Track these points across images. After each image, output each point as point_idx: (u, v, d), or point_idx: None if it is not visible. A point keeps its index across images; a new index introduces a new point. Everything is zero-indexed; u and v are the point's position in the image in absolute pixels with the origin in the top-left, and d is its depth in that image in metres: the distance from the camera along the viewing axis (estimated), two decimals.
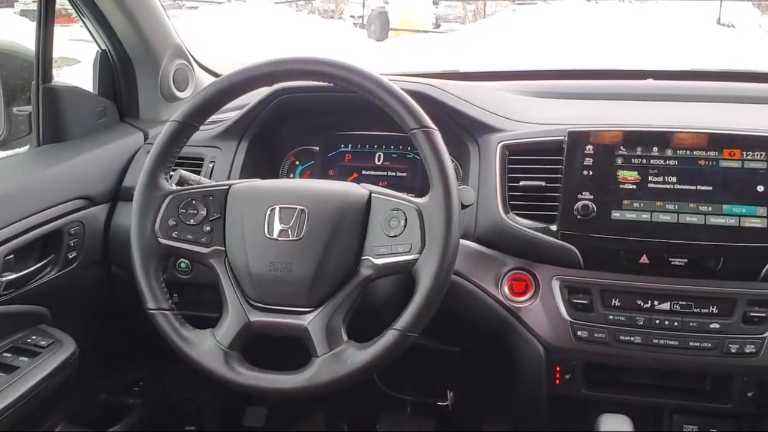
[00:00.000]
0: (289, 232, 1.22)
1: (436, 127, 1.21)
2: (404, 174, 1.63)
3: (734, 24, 13.38)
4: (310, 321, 1.20)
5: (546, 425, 1.44)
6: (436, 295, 1.16)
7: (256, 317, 1.23)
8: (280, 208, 1.24)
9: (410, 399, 1.91)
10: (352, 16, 16.37)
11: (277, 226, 1.23)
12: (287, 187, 1.29)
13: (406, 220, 1.20)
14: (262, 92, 1.58)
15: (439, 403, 1.77)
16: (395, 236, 1.20)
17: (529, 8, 15.00)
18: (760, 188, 1.28)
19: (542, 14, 13.29)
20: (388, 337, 1.17)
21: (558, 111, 1.58)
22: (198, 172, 1.55)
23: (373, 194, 1.24)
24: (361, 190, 1.25)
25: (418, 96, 1.41)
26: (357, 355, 1.17)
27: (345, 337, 1.20)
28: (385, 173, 1.64)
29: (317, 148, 1.68)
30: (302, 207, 1.23)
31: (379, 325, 1.20)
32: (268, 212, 1.24)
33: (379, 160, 1.65)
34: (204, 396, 1.95)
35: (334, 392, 1.20)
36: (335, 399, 2.02)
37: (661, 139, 1.33)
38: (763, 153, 1.29)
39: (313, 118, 1.65)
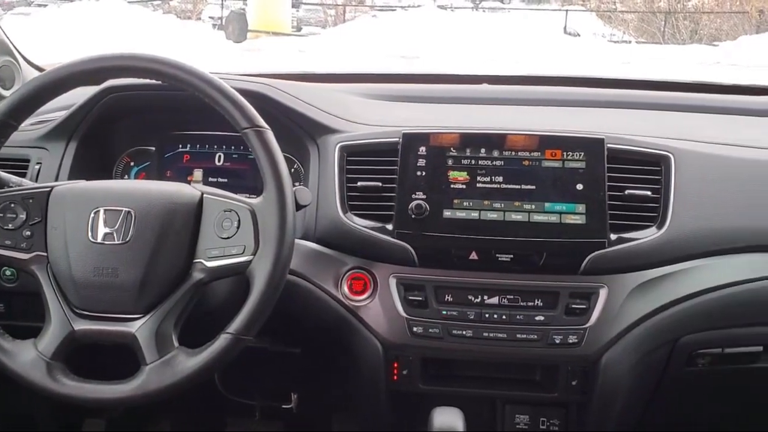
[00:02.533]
0: (115, 235, 1.18)
1: (268, 127, 1.20)
2: (245, 175, 1.61)
3: (579, 32, 14.19)
4: (139, 328, 1.16)
5: (386, 421, 1.47)
6: (270, 296, 1.15)
7: (81, 326, 1.18)
8: (105, 210, 1.19)
9: (257, 404, 1.89)
10: (211, 17, 16.06)
11: (102, 230, 1.18)
12: (113, 189, 1.24)
13: (239, 221, 1.18)
14: (91, 90, 1.51)
15: (283, 406, 1.76)
16: (228, 238, 1.18)
17: (388, 14, 15.27)
18: (579, 186, 1.35)
19: (400, 20, 13.55)
20: (221, 341, 1.15)
21: (395, 113, 1.62)
22: (24, 175, 1.47)
23: (204, 195, 1.22)
24: (192, 190, 1.23)
25: (253, 95, 1.41)
26: (188, 362, 1.15)
27: (176, 344, 1.17)
28: (226, 174, 1.61)
29: (153, 148, 1.62)
30: (128, 209, 1.19)
31: (216, 329, 1.17)
32: (92, 215, 1.19)
33: (219, 161, 1.62)
34: (40, 411, 1.85)
35: (165, 400, 1.17)
36: (180, 407, 1.97)
37: (488, 140, 1.38)
38: (582, 153, 1.36)
39: (148, 117, 1.60)
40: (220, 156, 1.62)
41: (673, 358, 1.41)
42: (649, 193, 1.36)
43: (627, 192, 1.36)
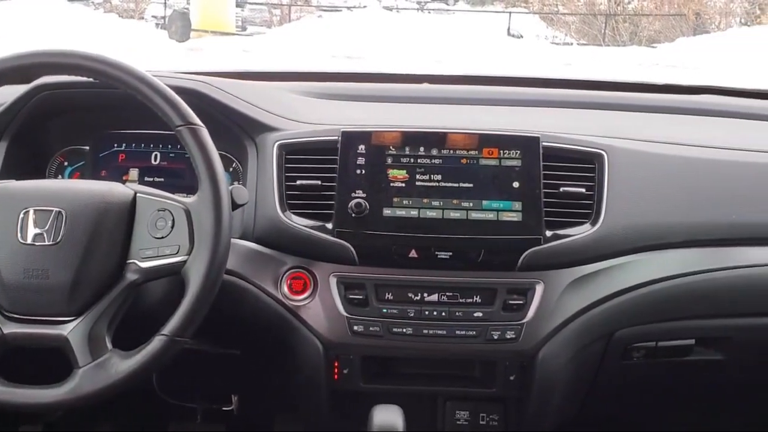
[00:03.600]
0: (45, 236, 1.15)
1: (202, 124, 1.19)
2: (183, 174, 1.59)
3: (522, 34, 14.39)
4: (71, 330, 1.14)
5: (328, 421, 1.46)
6: (205, 297, 1.14)
7: (11, 329, 1.15)
8: (35, 210, 1.16)
9: (198, 406, 1.86)
10: (154, 17, 15.80)
11: (32, 230, 1.15)
12: (43, 188, 1.21)
13: (173, 220, 1.17)
14: (22, 88, 1.47)
15: (224, 408, 1.74)
16: (162, 237, 1.17)
17: (333, 15, 15.25)
18: (516, 184, 1.36)
19: (346, 21, 13.55)
20: (155, 343, 1.13)
21: (335, 112, 1.61)
22: None
23: (138, 194, 1.20)
24: (125, 189, 1.21)
25: (188, 93, 1.39)
26: (121, 364, 1.13)
27: (110, 346, 1.15)
28: (163, 173, 1.59)
29: (87, 147, 1.59)
30: (59, 209, 1.16)
31: (153, 331, 1.16)
32: (22, 215, 1.16)
33: (155, 160, 1.60)
34: None
35: (99, 404, 1.15)
36: (121, 410, 1.93)
37: (427, 139, 1.39)
38: (518, 152, 1.38)
39: (82, 115, 1.56)
40: (156, 155, 1.60)
41: (609, 351, 1.44)
42: (583, 190, 1.39)
43: (562, 189, 1.38)
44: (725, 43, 10.77)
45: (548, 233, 1.36)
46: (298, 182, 1.40)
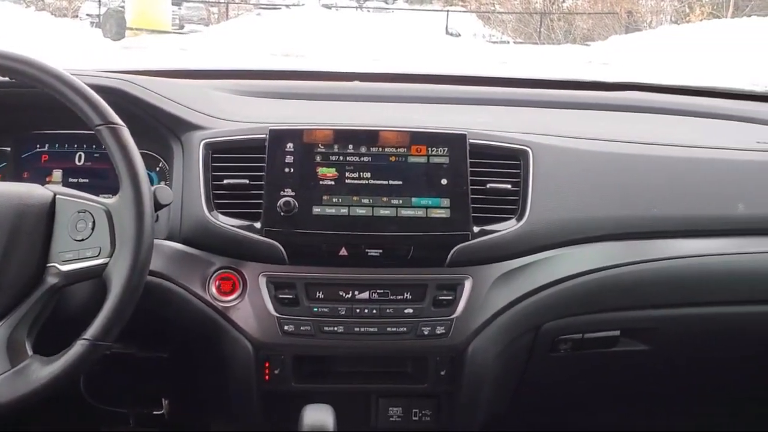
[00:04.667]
0: None
1: (122, 123, 1.17)
2: (108, 175, 1.55)
3: (460, 33, 14.52)
4: None
5: (260, 422, 1.45)
6: (128, 300, 1.12)
7: None
8: None
9: (129, 411, 1.83)
10: (88, 15, 15.43)
11: None
12: None
13: (94, 222, 1.14)
14: None
15: (155, 413, 1.71)
16: (83, 240, 1.14)
17: (272, 12, 15.13)
18: (444, 181, 1.38)
19: (285, 19, 13.45)
20: (77, 348, 1.11)
21: (264, 110, 1.60)
22: None
23: (57, 196, 1.17)
24: (44, 191, 1.18)
25: (109, 91, 1.36)
26: (42, 370, 1.10)
27: (30, 352, 1.12)
28: (87, 174, 1.55)
29: (8, 148, 1.54)
30: None
31: (76, 335, 1.13)
32: None
33: (79, 161, 1.56)
34: None
35: (20, 412, 1.11)
36: (50, 416, 1.88)
37: (356, 137, 1.39)
38: (446, 149, 1.39)
39: (3, 116, 1.52)
40: (81, 155, 1.56)
41: (537, 344, 1.47)
42: (509, 186, 1.41)
43: (489, 186, 1.40)
44: (656, 41, 11.06)
45: (476, 229, 1.37)
46: (225, 181, 1.38)
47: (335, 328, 1.36)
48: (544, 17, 14.91)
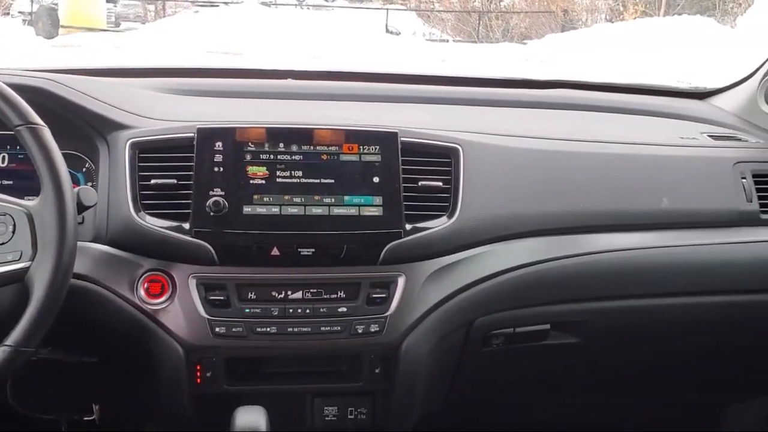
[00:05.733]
0: None
1: (43, 123, 1.14)
2: (33, 176, 1.50)
3: (400, 31, 14.57)
4: None
5: (193, 425, 1.43)
6: (51, 305, 1.09)
7: None
8: None
9: (59, 418, 1.78)
10: (21, 12, 14.99)
11: None
12: None
13: (14, 224, 1.11)
14: None
15: (86, 418, 1.67)
16: (3, 243, 1.11)
17: (210, 10, 14.93)
18: (376, 179, 1.37)
19: (223, 16, 13.30)
20: None
21: (194, 108, 1.57)
22: None
23: None
24: None
25: (33, 91, 1.33)
26: None
27: None
28: (11, 176, 1.50)
29: None
30: None
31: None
32: None
33: (3, 162, 1.51)
34: None
35: None
36: None
37: (287, 135, 1.38)
38: (378, 147, 1.39)
39: None
40: (4, 156, 1.51)
41: (469, 340, 1.48)
42: (440, 183, 1.42)
43: (420, 183, 1.41)
44: (591, 39, 11.29)
45: (408, 227, 1.38)
46: (153, 181, 1.36)
47: (268, 329, 1.35)
48: (483, 16, 15.06)
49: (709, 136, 1.75)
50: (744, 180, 1.60)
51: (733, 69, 1.97)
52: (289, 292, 1.36)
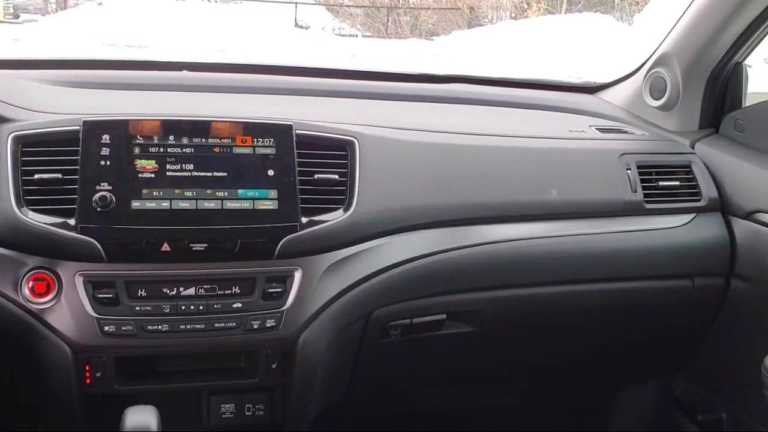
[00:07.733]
0: None
1: None
2: None
3: (309, 25, 14.49)
4: None
5: (85, 426, 1.39)
6: None
7: None
8: None
9: None
10: None
11: None
12: None
13: None
14: None
15: None
16: None
17: (114, 1, 14.47)
18: (271, 172, 1.36)
19: (127, 8, 12.93)
20: None
21: (82, 101, 1.53)
22: None
23: None
24: None
25: None
26: None
27: None
28: None
29: None
30: None
31: None
32: None
33: None
34: None
35: None
36: None
37: (177, 127, 1.35)
38: (272, 140, 1.38)
39: None
40: None
41: (368, 331, 1.49)
42: (336, 176, 1.42)
43: (316, 176, 1.40)
44: (496, 35, 11.52)
45: (304, 220, 1.37)
46: (37, 176, 1.31)
47: (159, 327, 1.32)
48: (391, 11, 15.15)
49: (597, 129, 1.81)
50: (629, 171, 1.66)
51: (627, 65, 2.04)
52: (182, 289, 1.34)
